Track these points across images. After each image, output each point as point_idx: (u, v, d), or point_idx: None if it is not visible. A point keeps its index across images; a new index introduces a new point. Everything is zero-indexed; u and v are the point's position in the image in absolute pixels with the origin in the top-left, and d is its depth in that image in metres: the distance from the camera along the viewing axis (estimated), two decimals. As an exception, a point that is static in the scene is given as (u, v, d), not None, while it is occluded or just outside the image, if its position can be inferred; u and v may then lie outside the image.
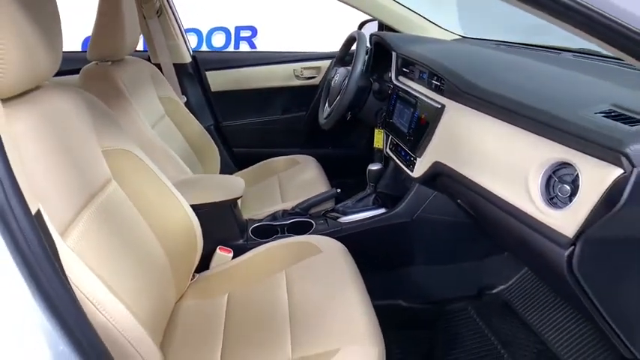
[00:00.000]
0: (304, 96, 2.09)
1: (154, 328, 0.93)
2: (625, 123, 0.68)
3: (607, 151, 0.64)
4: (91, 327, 0.57)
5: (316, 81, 2.09)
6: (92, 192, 0.92)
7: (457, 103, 1.04)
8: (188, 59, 1.98)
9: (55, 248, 0.56)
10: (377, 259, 1.40)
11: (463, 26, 2.01)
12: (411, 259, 1.42)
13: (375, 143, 1.59)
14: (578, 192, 0.68)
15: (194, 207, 1.15)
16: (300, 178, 1.81)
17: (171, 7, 1.88)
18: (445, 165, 1.05)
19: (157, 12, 1.80)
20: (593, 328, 1.13)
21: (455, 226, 1.37)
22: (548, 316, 1.29)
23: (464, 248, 1.42)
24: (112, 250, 0.90)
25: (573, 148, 0.70)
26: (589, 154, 0.67)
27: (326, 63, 2.06)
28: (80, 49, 2.38)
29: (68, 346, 0.54)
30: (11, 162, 0.50)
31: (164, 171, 1.13)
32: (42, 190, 0.76)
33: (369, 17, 2.03)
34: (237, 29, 3.88)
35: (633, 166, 0.62)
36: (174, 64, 1.91)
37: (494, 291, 1.44)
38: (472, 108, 0.98)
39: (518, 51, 1.48)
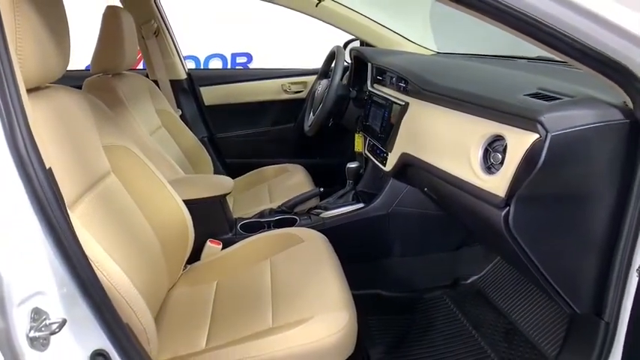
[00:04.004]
0: (292, 109, 2.24)
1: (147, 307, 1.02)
2: (545, 100, 0.81)
3: (526, 120, 0.77)
4: (95, 273, 0.67)
5: (303, 95, 2.24)
6: (93, 180, 1.03)
7: (418, 100, 1.18)
8: (183, 76, 2.14)
9: (64, 202, 0.67)
10: (357, 250, 1.49)
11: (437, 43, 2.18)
12: (389, 251, 1.52)
13: (355, 147, 1.72)
14: (506, 158, 0.80)
15: (186, 202, 1.26)
16: (287, 183, 1.93)
17: (167, 28, 2.06)
18: (410, 155, 1.17)
19: (155, 32, 1.97)
20: (556, 307, 1.22)
21: (428, 219, 1.48)
22: (517, 302, 1.37)
23: (438, 240, 1.52)
24: (109, 235, 1.00)
25: (503, 123, 0.83)
26: (514, 126, 0.80)
27: (312, 78, 2.22)
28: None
29: (72, 286, 0.64)
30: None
31: (159, 171, 1.24)
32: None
33: (352, 37, 2.21)
34: (233, 56, 4.07)
35: (547, 131, 0.74)
36: (171, 80, 2.06)
37: (468, 281, 1.53)
38: (430, 102, 1.11)
39: (480, 60, 1.63)
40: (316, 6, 1.83)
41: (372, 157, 1.51)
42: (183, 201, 1.25)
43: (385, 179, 1.49)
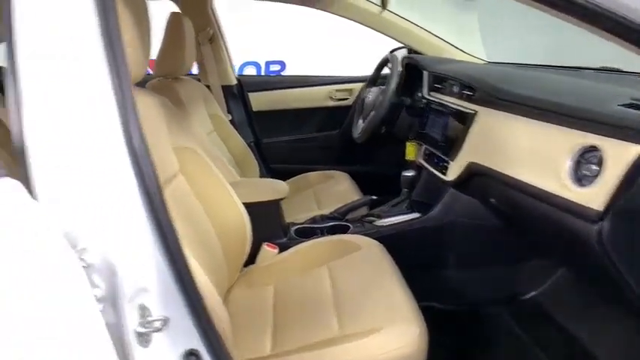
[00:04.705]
0: (337, 116, 2.24)
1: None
2: (643, 111, 0.77)
3: (629, 132, 0.74)
4: (192, 273, 0.67)
5: (349, 102, 2.24)
6: (165, 180, 1.05)
7: (489, 109, 1.15)
8: (234, 81, 2.18)
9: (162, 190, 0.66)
10: (411, 261, 1.46)
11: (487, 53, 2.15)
12: (444, 262, 1.49)
13: (406, 155, 1.70)
14: (604, 169, 0.77)
15: (244, 205, 1.27)
16: (334, 190, 1.92)
17: (221, 35, 2.10)
18: (480, 165, 1.14)
19: (210, 39, 2.02)
20: (628, 323, 1.17)
21: (487, 231, 1.44)
22: (583, 319, 1.31)
23: (496, 253, 1.48)
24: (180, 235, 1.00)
25: (599, 134, 0.80)
26: (613, 137, 0.77)
27: (358, 85, 2.22)
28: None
29: (173, 284, 0.64)
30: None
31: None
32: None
33: (396, 47, 2.20)
34: (267, 64, 4.13)
35: (653, 143, 0.71)
36: (222, 86, 2.10)
37: (527, 296, 1.48)
38: (503, 111, 1.09)
39: (542, 69, 1.59)
40: (380, 13, 1.84)
41: (428, 166, 1.48)
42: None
43: (443, 189, 1.46)
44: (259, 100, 2.23)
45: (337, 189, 1.93)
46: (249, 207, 1.29)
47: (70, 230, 0.55)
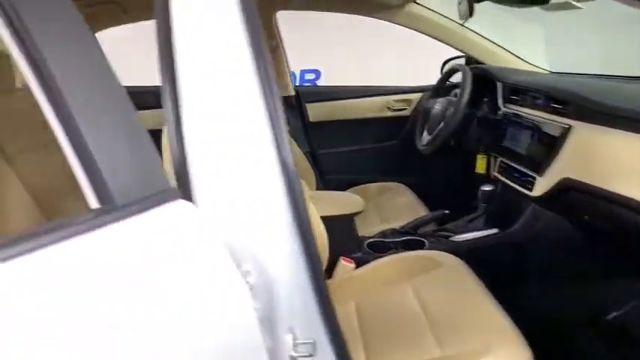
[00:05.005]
0: (395, 126, 2.22)
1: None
2: None
3: None
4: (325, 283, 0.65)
5: (407, 112, 2.22)
6: None
7: (585, 123, 1.11)
8: (292, 92, 2.19)
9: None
10: (489, 277, 1.42)
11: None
12: (524, 280, 1.44)
13: (477, 168, 1.66)
14: None
15: (321, 218, 1.26)
16: (396, 203, 1.90)
17: (282, 47, 2.12)
18: (577, 180, 1.10)
19: (272, 51, 2.04)
20: None
21: (570, 248, 1.39)
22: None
23: (578, 271, 1.42)
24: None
25: None
26: None
27: (416, 95, 2.19)
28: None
29: (315, 305, 0.63)
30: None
31: None
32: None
33: (448, 58, 2.17)
34: (302, 72, 4.17)
35: None
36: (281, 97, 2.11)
37: (610, 316, 1.41)
38: (604, 126, 1.04)
39: (621, 80, 1.53)
40: (462, 24, 1.83)
41: (507, 181, 1.44)
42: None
43: (523, 204, 1.42)
44: (317, 111, 2.23)
45: (399, 201, 1.91)
46: (326, 220, 1.28)
47: (234, 251, 0.55)
